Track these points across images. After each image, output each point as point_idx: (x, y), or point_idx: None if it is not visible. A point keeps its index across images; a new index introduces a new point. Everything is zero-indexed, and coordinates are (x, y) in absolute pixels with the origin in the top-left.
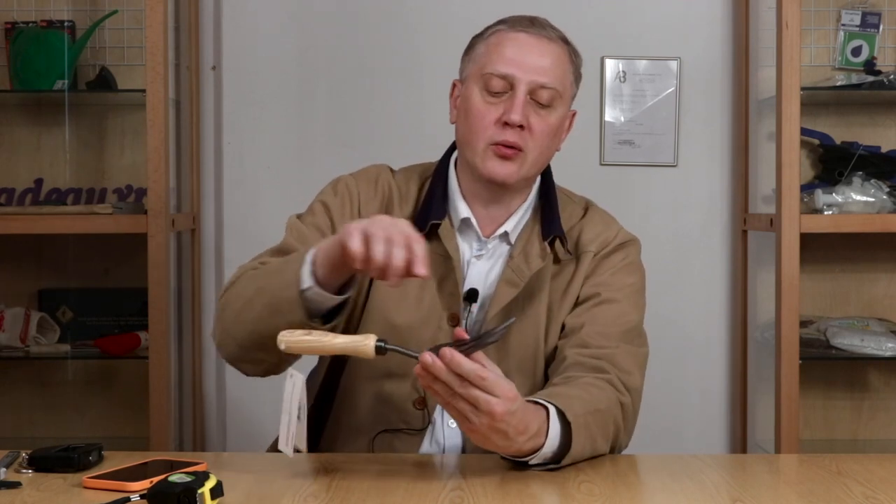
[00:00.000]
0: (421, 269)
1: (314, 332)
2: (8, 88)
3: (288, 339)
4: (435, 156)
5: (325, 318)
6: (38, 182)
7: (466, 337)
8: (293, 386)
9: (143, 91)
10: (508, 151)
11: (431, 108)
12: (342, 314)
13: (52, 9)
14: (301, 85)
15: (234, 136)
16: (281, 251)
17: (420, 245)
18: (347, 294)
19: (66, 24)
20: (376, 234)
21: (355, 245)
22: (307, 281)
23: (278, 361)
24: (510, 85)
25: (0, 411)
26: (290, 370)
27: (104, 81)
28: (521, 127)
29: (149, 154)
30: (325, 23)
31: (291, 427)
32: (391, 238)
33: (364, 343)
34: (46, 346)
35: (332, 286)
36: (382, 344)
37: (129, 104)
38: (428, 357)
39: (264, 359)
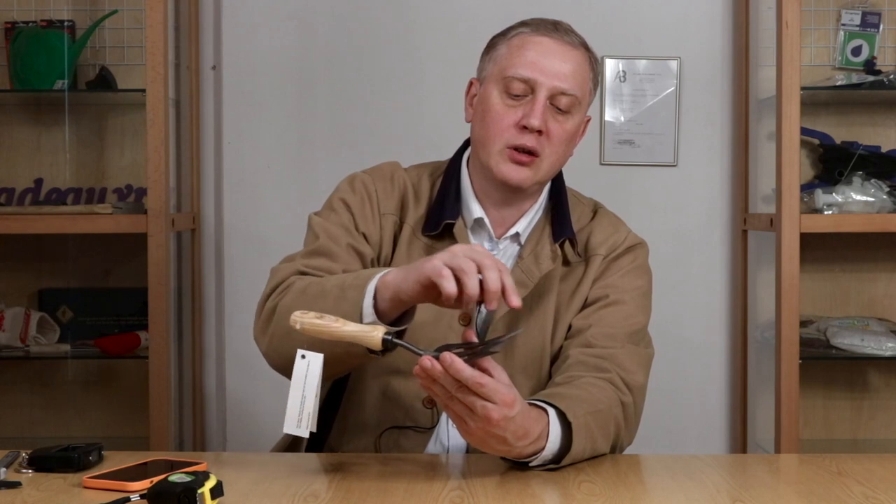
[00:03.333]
0: (515, 300)
1: (326, 316)
2: (8, 88)
3: (301, 319)
4: (434, 155)
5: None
6: (38, 182)
7: (475, 339)
8: (308, 366)
9: (143, 91)
10: (525, 158)
11: (431, 107)
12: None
13: (52, 8)
14: (301, 84)
15: (235, 135)
16: (318, 253)
17: (509, 275)
18: (405, 325)
19: (66, 23)
20: (467, 269)
21: (451, 287)
22: (370, 315)
23: (333, 370)
24: (531, 89)
25: (0, 411)
26: (302, 350)
27: (104, 81)
28: (538, 132)
29: (149, 154)
30: (325, 22)
31: (307, 407)
32: (482, 265)
33: (371, 334)
34: (46, 345)
35: (390, 317)
36: (390, 338)
37: (129, 104)
38: (427, 361)
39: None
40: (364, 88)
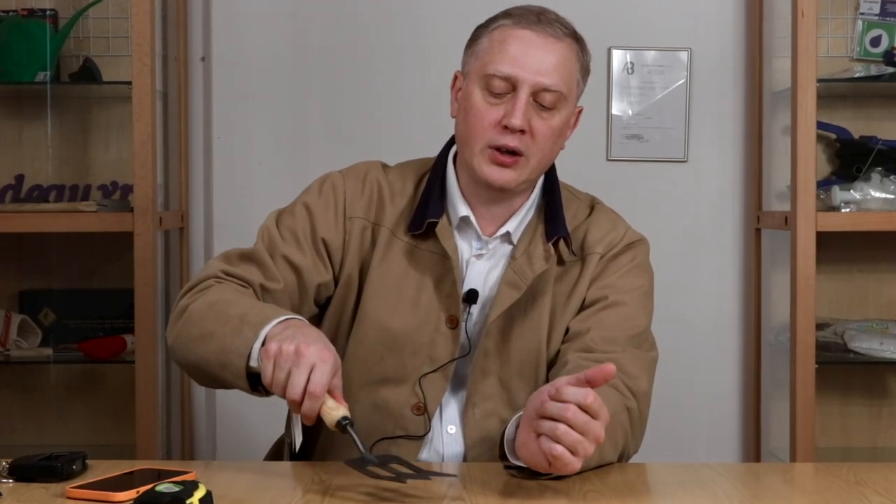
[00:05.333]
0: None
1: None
2: None
3: None
4: (429, 151)
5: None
6: (19, 178)
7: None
8: None
9: (129, 83)
10: (507, 159)
11: (426, 102)
12: None
13: None
14: (293, 77)
15: (225, 130)
16: (249, 257)
17: (323, 378)
18: None
19: (48, 12)
20: (281, 367)
21: (268, 373)
22: (255, 359)
23: (223, 387)
24: (512, 86)
25: None
26: None
27: (88, 73)
28: (521, 131)
29: (135, 149)
30: (317, 14)
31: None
32: (294, 364)
33: (333, 412)
34: (28, 349)
35: None
36: (345, 423)
37: (114, 97)
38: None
39: (209, 384)
40: (358, 82)
